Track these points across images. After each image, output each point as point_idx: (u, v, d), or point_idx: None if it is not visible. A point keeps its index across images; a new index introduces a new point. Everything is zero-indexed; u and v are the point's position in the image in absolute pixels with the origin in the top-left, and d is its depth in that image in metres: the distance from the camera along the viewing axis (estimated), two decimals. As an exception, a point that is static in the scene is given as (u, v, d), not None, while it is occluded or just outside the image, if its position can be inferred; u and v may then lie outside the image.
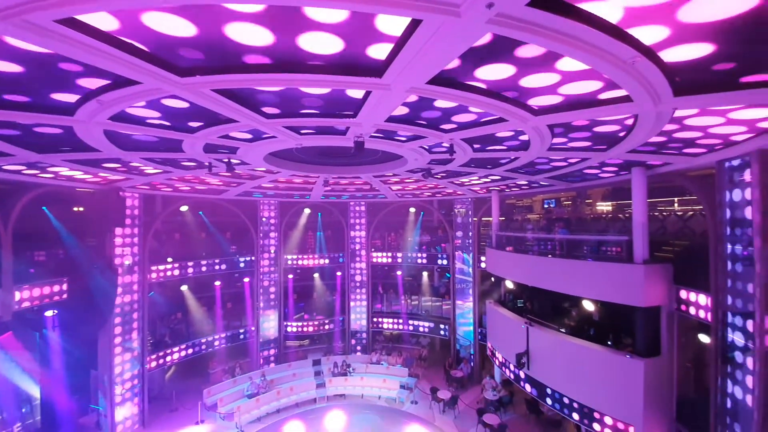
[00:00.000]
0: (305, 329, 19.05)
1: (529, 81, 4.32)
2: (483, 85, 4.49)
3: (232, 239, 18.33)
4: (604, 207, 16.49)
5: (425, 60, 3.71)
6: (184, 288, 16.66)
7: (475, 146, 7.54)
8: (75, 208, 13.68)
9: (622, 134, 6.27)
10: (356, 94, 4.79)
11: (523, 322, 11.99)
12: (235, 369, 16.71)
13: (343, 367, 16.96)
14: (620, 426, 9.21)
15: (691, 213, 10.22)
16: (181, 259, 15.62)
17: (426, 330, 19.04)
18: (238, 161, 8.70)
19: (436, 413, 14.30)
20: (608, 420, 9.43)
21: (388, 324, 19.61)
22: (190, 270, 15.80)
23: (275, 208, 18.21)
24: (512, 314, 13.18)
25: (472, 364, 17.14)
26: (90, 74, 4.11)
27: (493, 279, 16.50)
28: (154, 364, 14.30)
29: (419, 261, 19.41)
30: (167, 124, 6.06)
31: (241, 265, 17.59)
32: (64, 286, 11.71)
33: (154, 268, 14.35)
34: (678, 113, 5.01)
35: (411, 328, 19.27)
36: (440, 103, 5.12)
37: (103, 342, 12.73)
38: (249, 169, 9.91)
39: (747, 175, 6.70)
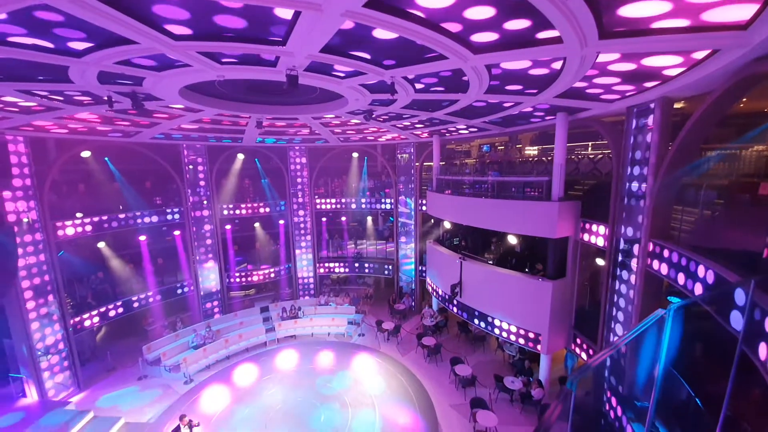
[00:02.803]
0: (250, 279, 18.78)
1: (471, 13, 4.15)
2: (422, 14, 4.23)
3: (154, 189, 16.45)
4: (532, 151, 17.83)
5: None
6: (101, 245, 15.00)
7: (417, 86, 7.36)
8: None
9: (551, 78, 6.54)
10: (284, 14, 4.19)
11: (458, 257, 13.18)
12: (177, 323, 16.18)
13: (292, 311, 17.38)
14: (531, 335, 11.09)
15: (600, 156, 11.48)
16: (93, 213, 13.75)
17: (371, 271, 20.00)
18: (144, 95, 7.45)
19: (381, 342, 15.69)
20: (522, 332, 11.29)
21: (334, 268, 20.13)
22: (105, 225, 14.06)
23: (203, 153, 16.46)
24: (449, 251, 14.34)
25: (413, 297, 18.71)
26: None
27: (432, 221, 17.47)
28: (79, 326, 13.19)
29: (363, 206, 19.60)
30: (43, 44, 4.84)
31: (169, 217, 16.10)
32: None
33: (59, 224, 12.52)
34: (600, 58, 5.32)
35: (357, 270, 20.06)
36: (379, 33, 4.75)
37: (13, 308, 11.28)
38: (162, 106, 8.59)
39: (650, 121, 7.60)
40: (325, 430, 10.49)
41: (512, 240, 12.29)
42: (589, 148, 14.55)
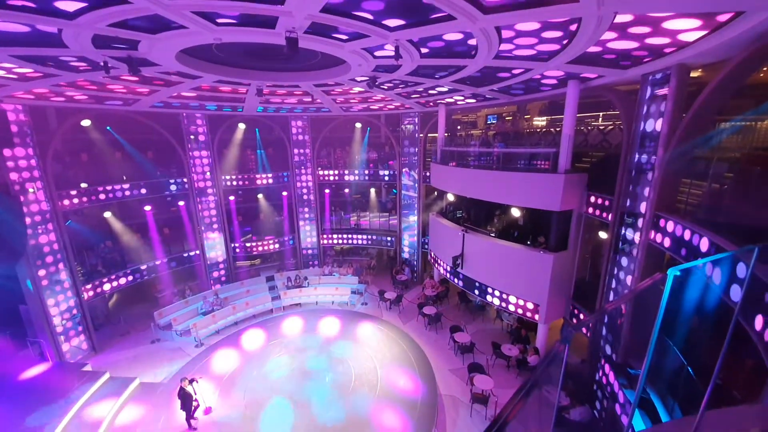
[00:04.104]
0: (255, 249, 19.08)
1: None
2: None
3: (156, 159, 16.34)
4: (540, 122, 17.33)
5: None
6: (107, 215, 15.18)
7: (423, 51, 7.03)
8: None
9: (564, 42, 6.21)
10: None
11: (461, 230, 13.22)
12: (186, 291, 16.69)
13: (297, 280, 17.79)
14: (530, 306, 11.33)
15: (611, 127, 11.15)
16: (96, 183, 13.78)
17: (374, 243, 20.19)
18: (140, 60, 7.21)
19: (383, 311, 16.15)
20: (521, 302, 11.51)
21: (338, 240, 20.35)
22: (110, 195, 14.15)
23: (203, 122, 16.18)
24: (451, 224, 14.37)
25: (415, 269, 19.01)
26: None
27: (436, 193, 17.38)
28: (91, 293, 13.64)
29: (367, 178, 19.46)
30: (32, 5, 4.62)
31: (172, 188, 16.13)
32: (-49, 219, 9.98)
33: (64, 194, 12.60)
34: (617, 19, 5.00)
35: (360, 242, 20.26)
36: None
37: (25, 276, 11.62)
38: (160, 72, 8.33)
39: (665, 89, 7.28)
40: (330, 391, 11.05)
41: (515, 213, 12.25)
42: (600, 119, 14.11)
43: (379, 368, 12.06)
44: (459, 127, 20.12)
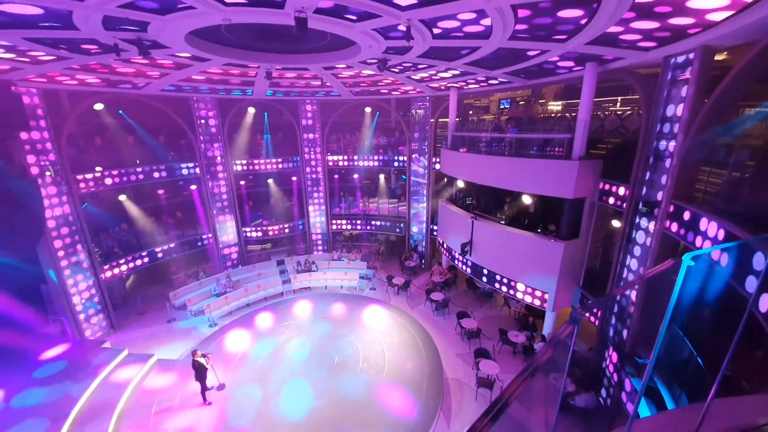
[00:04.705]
0: (266, 234, 19.35)
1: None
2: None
3: (168, 143, 16.51)
4: (555, 107, 16.84)
5: None
6: (122, 198, 15.51)
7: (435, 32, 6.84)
8: None
9: (583, 21, 5.95)
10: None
11: (470, 216, 13.13)
12: (199, 273, 17.13)
13: (306, 265, 18.06)
14: (538, 294, 11.31)
15: (629, 112, 10.77)
16: (110, 167, 14.03)
17: (383, 229, 20.24)
18: (150, 42, 7.20)
19: (391, 296, 16.34)
20: (529, 290, 11.49)
21: (346, 225, 20.46)
22: (124, 178, 14.41)
23: (213, 106, 16.21)
24: (461, 210, 14.29)
25: (423, 255, 19.07)
26: None
27: (446, 179, 17.22)
28: (108, 274, 14.11)
29: (376, 164, 19.36)
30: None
31: (184, 171, 16.34)
32: (-25, 200, 10.33)
33: (80, 177, 12.89)
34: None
35: (369, 228, 20.35)
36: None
37: (45, 257, 12.06)
38: (170, 55, 8.32)
39: (688, 73, 6.97)
40: (338, 371, 11.34)
41: (526, 200, 12.07)
42: (618, 104, 13.63)
43: (386, 351, 12.29)
44: (471, 112, 19.71)
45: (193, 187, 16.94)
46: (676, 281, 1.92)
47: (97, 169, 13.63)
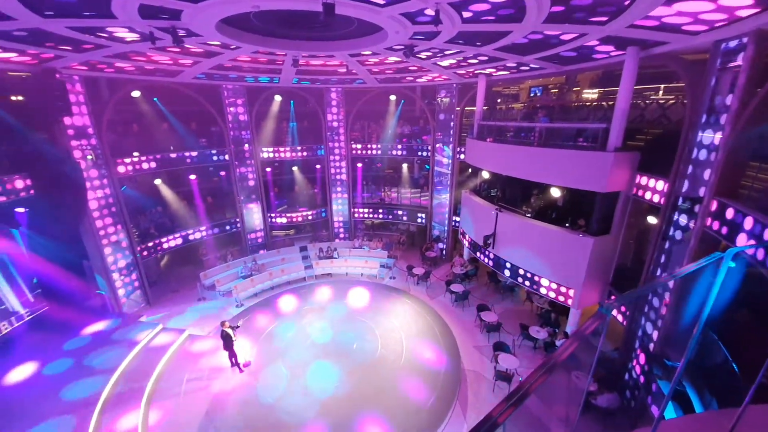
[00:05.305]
0: (290, 220, 19.84)
1: None
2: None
3: (199, 130, 17.11)
4: (591, 95, 15.97)
5: None
6: (158, 182, 16.29)
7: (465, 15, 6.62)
8: (13, 98, 11.89)
9: (627, 2, 5.57)
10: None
11: (494, 208, 12.86)
12: (227, 255, 17.88)
13: (328, 251, 18.42)
14: (563, 290, 11.00)
15: (672, 101, 10.07)
16: (147, 152, 14.74)
17: (405, 218, 20.22)
18: (184, 31, 7.42)
19: (411, 285, 16.42)
20: (554, 285, 11.19)
21: (368, 214, 20.59)
22: (160, 163, 15.13)
23: (242, 94, 16.58)
24: (485, 202, 14.00)
25: (444, 246, 18.94)
26: None
27: (470, 170, 16.87)
28: (145, 253, 14.99)
29: (399, 153, 19.24)
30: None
31: (215, 158, 16.93)
32: (28, 182, 11.19)
33: (119, 161, 13.64)
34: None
35: (390, 217, 20.39)
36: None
37: (87, 236, 12.95)
38: (201, 42, 8.55)
39: (739, 60, 6.41)
40: (357, 355, 11.62)
41: (555, 193, 11.65)
42: (660, 92, 12.75)
43: (404, 339, 12.44)
44: (499, 100, 19.07)
45: (223, 173, 17.53)
46: (713, 280, 1.82)
47: (135, 154, 14.37)
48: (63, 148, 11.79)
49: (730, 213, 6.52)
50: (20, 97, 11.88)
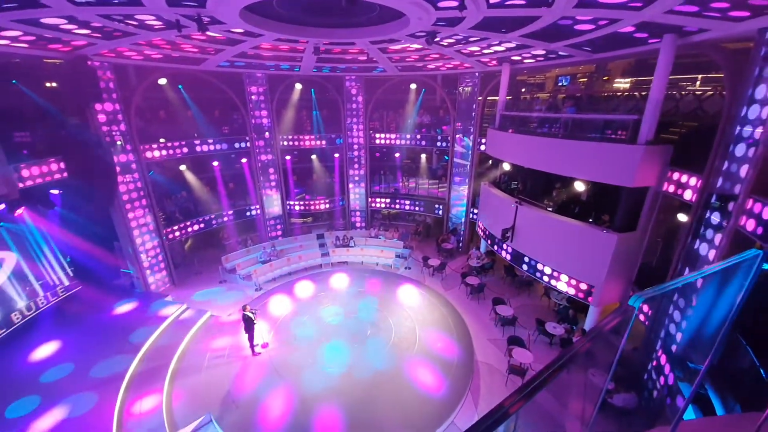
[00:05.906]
0: (308, 208, 20.13)
1: None
2: None
3: (221, 118, 17.43)
4: (622, 84, 15.19)
5: None
6: (182, 168, 16.80)
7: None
8: (47, 84, 12.45)
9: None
10: None
11: (514, 201, 12.60)
12: (248, 241, 18.39)
13: (344, 240, 18.63)
14: (582, 287, 10.75)
15: (710, 93, 9.49)
16: (173, 139, 15.19)
17: (422, 209, 20.13)
18: (209, 19, 7.52)
19: (426, 276, 16.44)
20: (573, 281, 10.94)
21: (385, 204, 20.61)
22: (186, 150, 15.58)
23: (263, 82, 16.73)
24: (504, 195, 13.74)
25: (461, 238, 18.78)
26: None
27: (490, 162, 16.54)
28: (171, 236, 15.61)
29: (418, 143, 19.05)
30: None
31: (236, 145, 17.26)
32: (62, 165, 11.78)
33: (147, 147, 14.13)
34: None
35: (407, 207, 20.33)
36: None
37: (117, 218, 13.58)
38: (225, 30, 8.65)
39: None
40: (371, 343, 11.83)
41: (579, 187, 11.29)
42: (697, 83, 12.02)
43: (418, 328, 12.54)
44: (523, 90, 18.46)
45: (244, 160, 17.89)
46: (744, 282, 1.75)
47: (161, 140, 14.84)
48: (94, 133, 12.30)
49: (766, 213, 6.16)
50: (54, 84, 12.41)
